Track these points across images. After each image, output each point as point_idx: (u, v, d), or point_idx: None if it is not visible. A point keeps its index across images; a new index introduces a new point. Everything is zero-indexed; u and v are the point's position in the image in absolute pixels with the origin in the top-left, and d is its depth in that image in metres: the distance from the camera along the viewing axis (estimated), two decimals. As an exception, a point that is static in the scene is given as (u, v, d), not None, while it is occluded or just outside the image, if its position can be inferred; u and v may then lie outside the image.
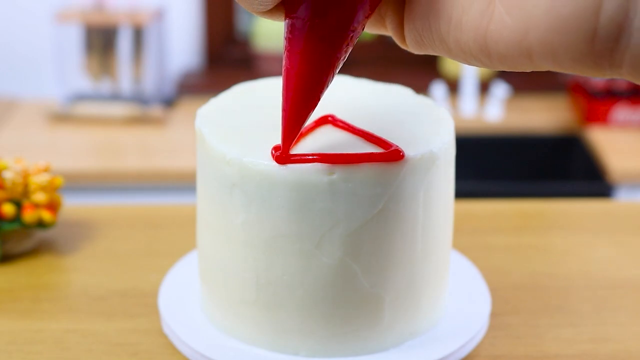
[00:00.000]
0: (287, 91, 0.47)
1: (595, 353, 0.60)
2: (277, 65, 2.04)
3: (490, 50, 0.38)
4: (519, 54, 0.37)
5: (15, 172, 0.71)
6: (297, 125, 0.49)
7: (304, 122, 0.49)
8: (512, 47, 0.37)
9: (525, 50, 0.37)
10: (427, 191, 0.54)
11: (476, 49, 0.39)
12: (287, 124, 0.49)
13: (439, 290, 0.59)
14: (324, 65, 0.46)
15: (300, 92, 0.47)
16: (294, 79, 0.46)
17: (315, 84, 0.46)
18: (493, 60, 0.38)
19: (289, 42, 0.45)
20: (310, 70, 0.46)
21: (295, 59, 0.46)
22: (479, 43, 0.38)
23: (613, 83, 1.83)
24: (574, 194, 1.60)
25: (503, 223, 0.81)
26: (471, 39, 0.39)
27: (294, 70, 0.46)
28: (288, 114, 0.49)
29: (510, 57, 0.38)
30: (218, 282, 0.58)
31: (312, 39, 0.45)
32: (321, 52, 0.45)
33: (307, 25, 0.44)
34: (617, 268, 0.72)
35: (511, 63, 0.38)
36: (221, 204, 0.55)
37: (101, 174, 1.69)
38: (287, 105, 0.48)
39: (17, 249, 0.72)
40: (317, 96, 0.47)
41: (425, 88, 1.93)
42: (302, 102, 0.48)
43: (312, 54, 0.45)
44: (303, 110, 0.48)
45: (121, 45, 1.91)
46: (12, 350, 0.59)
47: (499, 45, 0.37)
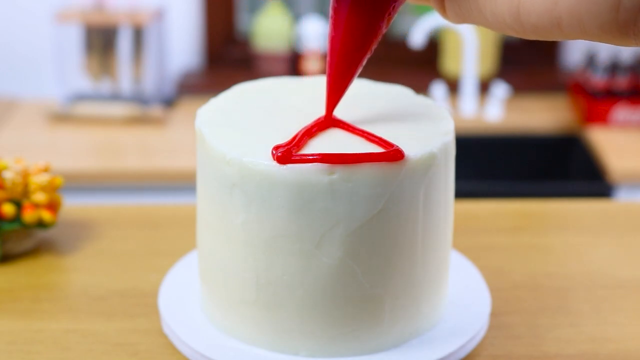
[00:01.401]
0: (332, 57, 0.51)
1: (595, 353, 0.60)
2: (277, 65, 2.04)
3: (522, 20, 0.40)
4: (549, 23, 0.39)
5: (15, 172, 0.71)
6: (341, 90, 0.53)
7: (346, 88, 0.52)
8: (543, 17, 0.39)
9: (555, 19, 0.39)
10: (427, 191, 0.54)
11: (510, 20, 0.41)
12: (331, 88, 0.53)
13: (439, 290, 0.59)
14: (367, 34, 0.49)
15: (343, 59, 0.50)
16: (337, 45, 0.50)
17: (358, 51, 0.50)
18: (526, 30, 0.41)
19: (334, 11, 0.49)
20: (353, 38, 0.49)
21: (339, 27, 0.49)
22: (512, 14, 0.41)
23: (613, 83, 1.83)
24: (574, 194, 1.60)
25: (503, 223, 0.81)
26: (505, 10, 0.41)
27: (337, 38, 0.49)
28: (332, 78, 0.52)
29: (541, 26, 0.40)
30: (218, 282, 0.58)
31: (355, 9, 0.48)
32: (364, 21, 0.48)
33: None
34: (617, 268, 0.72)
35: (543, 32, 0.40)
36: (221, 204, 0.55)
37: (101, 174, 1.69)
38: (331, 70, 0.51)
39: (17, 249, 0.72)
40: (358, 63, 0.50)
41: (425, 88, 1.93)
42: (345, 68, 0.51)
43: (355, 23, 0.48)
44: (346, 75, 0.51)
45: (121, 45, 1.91)
46: (12, 350, 0.59)
47: (531, 16, 0.40)
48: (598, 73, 1.83)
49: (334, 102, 0.54)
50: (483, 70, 2.01)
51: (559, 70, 2.11)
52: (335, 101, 0.54)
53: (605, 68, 1.82)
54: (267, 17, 2.03)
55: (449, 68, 2.04)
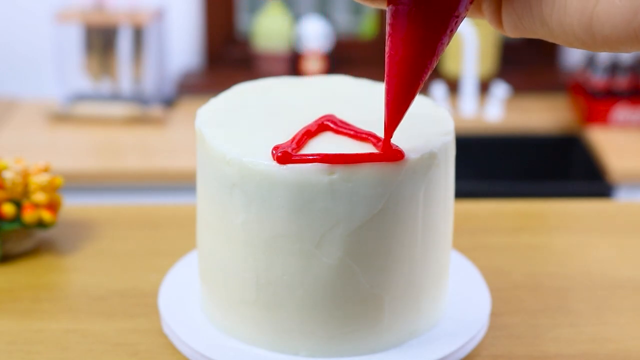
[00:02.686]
0: (390, 77, 0.47)
1: (595, 353, 0.60)
2: (277, 65, 2.04)
3: (595, 32, 0.38)
4: (625, 35, 0.37)
5: (15, 172, 0.71)
6: (401, 111, 0.49)
7: (407, 108, 0.48)
8: (619, 29, 0.37)
9: (632, 31, 0.37)
10: (427, 191, 0.54)
11: (580, 31, 0.39)
12: (390, 109, 0.49)
13: (439, 290, 0.59)
14: (428, 51, 0.45)
15: (403, 78, 0.46)
16: (397, 65, 0.46)
17: (418, 70, 0.46)
18: (597, 42, 0.39)
19: (392, 28, 0.45)
20: (413, 56, 0.45)
21: (398, 45, 0.45)
22: (583, 25, 0.39)
23: (613, 83, 1.83)
24: (574, 194, 1.60)
25: (503, 223, 0.81)
26: (575, 21, 0.39)
27: (397, 57, 0.46)
28: (391, 99, 0.48)
29: (615, 38, 0.38)
30: (218, 282, 0.58)
31: (415, 25, 0.44)
32: (424, 38, 0.44)
33: (412, 11, 0.44)
34: (617, 268, 0.72)
35: (615, 44, 0.38)
36: (221, 204, 0.55)
37: (101, 174, 1.69)
38: (390, 90, 0.47)
39: (17, 249, 0.72)
40: (419, 81, 0.47)
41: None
42: (405, 87, 0.47)
43: (415, 40, 0.45)
44: (406, 95, 0.47)
45: (121, 45, 1.91)
46: (12, 350, 0.59)
47: (605, 27, 0.38)
48: (598, 73, 1.83)
49: (395, 123, 0.50)
50: (483, 70, 2.01)
51: (559, 70, 2.11)
52: (397, 122, 0.49)
53: (605, 68, 1.82)
54: (267, 17, 2.03)
55: (449, 68, 2.04)
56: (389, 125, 0.50)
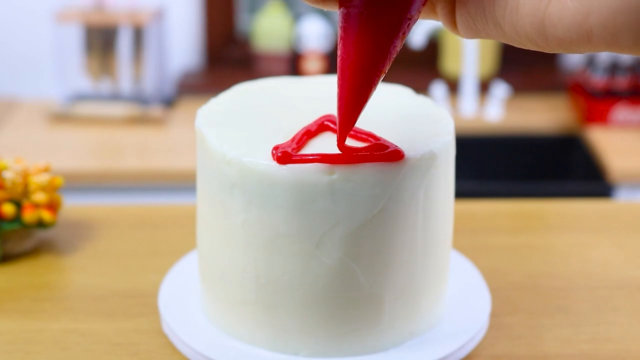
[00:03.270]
0: (343, 80, 0.46)
1: (595, 353, 0.60)
2: (277, 65, 2.04)
3: (547, 34, 0.38)
4: (577, 36, 0.37)
5: (15, 172, 0.70)
6: (353, 115, 0.48)
7: (360, 112, 0.48)
8: (571, 30, 0.37)
9: (584, 32, 0.37)
10: (427, 191, 0.54)
11: (533, 33, 0.39)
12: (343, 113, 0.48)
13: (439, 290, 0.59)
14: (380, 55, 0.44)
15: (355, 82, 0.46)
16: (349, 68, 0.45)
17: (371, 73, 0.45)
18: (550, 43, 0.39)
19: (343, 31, 0.44)
20: (365, 60, 0.45)
21: (350, 48, 0.44)
22: (536, 26, 0.38)
23: (613, 83, 1.83)
24: (574, 194, 1.59)
25: (503, 223, 0.81)
26: (528, 23, 0.39)
27: (349, 60, 0.45)
28: (344, 103, 0.47)
29: (568, 39, 0.38)
30: (218, 282, 0.58)
31: (367, 29, 0.43)
32: (377, 41, 0.44)
33: (363, 14, 0.43)
34: (617, 268, 0.72)
35: (568, 45, 0.38)
36: (221, 204, 0.55)
37: (101, 174, 1.69)
38: (342, 94, 0.47)
39: (17, 249, 0.72)
40: (372, 85, 0.46)
41: (425, 88, 1.93)
42: (358, 91, 0.46)
43: (367, 44, 0.44)
44: (359, 99, 0.47)
45: (121, 45, 1.91)
46: (12, 350, 0.59)
47: (557, 29, 0.38)
48: (598, 73, 1.83)
49: (348, 127, 0.49)
50: (483, 70, 2.01)
51: (559, 70, 2.11)
52: (350, 126, 0.49)
53: (605, 68, 1.82)
54: (267, 17, 2.03)
55: (449, 68, 2.04)
56: (342, 129, 0.49)
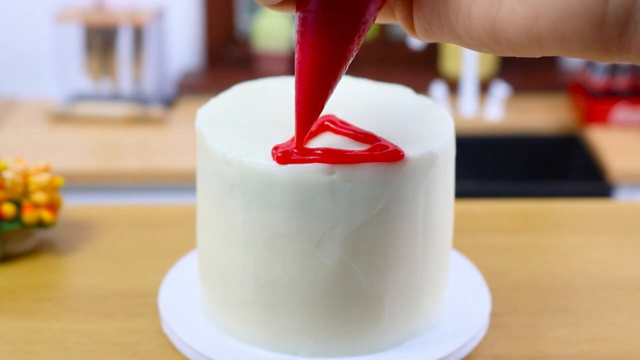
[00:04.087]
0: (300, 84, 0.47)
1: (595, 353, 0.60)
2: (277, 65, 2.04)
3: (499, 37, 0.39)
4: (528, 40, 0.38)
5: (15, 172, 0.70)
6: (311, 119, 0.49)
7: (317, 115, 0.49)
8: (522, 34, 0.38)
9: (534, 37, 0.37)
10: (427, 191, 0.54)
11: (485, 37, 0.39)
12: (300, 117, 0.49)
13: (439, 290, 0.59)
14: (336, 58, 0.45)
15: (312, 85, 0.47)
16: (305, 72, 0.46)
17: (327, 77, 0.46)
18: (502, 47, 0.39)
19: (300, 35, 0.45)
20: (322, 64, 0.46)
21: (307, 52, 0.45)
22: (487, 30, 0.39)
23: (613, 83, 1.83)
24: (574, 194, 1.60)
25: (503, 223, 0.81)
26: (480, 27, 0.39)
27: (305, 64, 0.46)
28: (301, 107, 0.49)
29: (519, 43, 0.38)
30: (218, 282, 0.58)
31: (323, 32, 0.44)
32: (333, 45, 0.45)
33: (319, 18, 0.44)
34: (617, 268, 0.72)
35: (520, 49, 0.39)
36: (221, 204, 0.55)
37: (101, 174, 1.69)
38: (299, 98, 0.48)
39: (17, 249, 0.72)
40: (329, 89, 0.47)
41: (425, 88, 1.93)
42: (315, 95, 0.47)
43: (323, 47, 0.45)
44: (315, 103, 0.48)
45: (121, 45, 1.91)
46: (12, 350, 0.59)
47: (508, 33, 0.38)
48: (598, 73, 1.83)
49: (305, 130, 0.50)
50: (483, 70, 2.01)
51: (559, 70, 2.11)
52: (307, 128, 0.50)
53: (605, 68, 1.82)
54: (267, 17, 2.03)
55: (449, 68, 2.04)
56: (300, 132, 0.50)
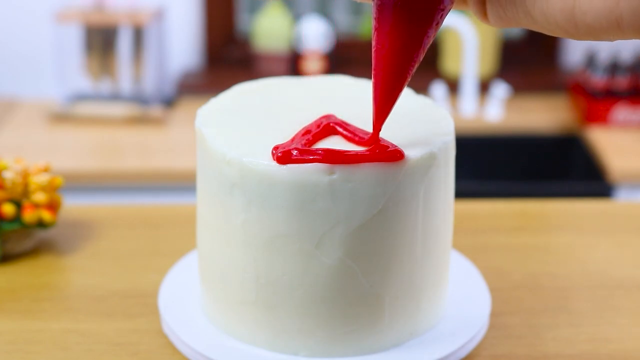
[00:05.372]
0: (377, 71, 0.47)
1: (595, 353, 0.60)
2: (277, 65, 2.04)
3: (577, 21, 0.39)
4: (607, 23, 0.38)
5: (15, 172, 0.71)
6: (389, 105, 0.49)
7: (395, 101, 0.49)
8: (602, 17, 0.38)
9: (614, 19, 0.37)
10: (427, 191, 0.54)
11: (563, 20, 0.39)
12: (378, 103, 0.49)
13: (439, 290, 0.59)
14: (414, 45, 0.46)
15: (390, 72, 0.47)
16: (384, 58, 0.47)
17: (405, 64, 0.47)
18: (580, 31, 0.39)
19: (378, 22, 0.46)
20: (399, 50, 0.46)
21: (384, 39, 0.46)
22: (566, 14, 0.39)
23: (613, 83, 1.83)
24: (574, 194, 1.59)
25: (503, 223, 0.81)
26: (558, 10, 0.39)
27: (383, 50, 0.46)
28: (379, 92, 0.49)
29: (598, 26, 0.38)
30: (218, 282, 0.58)
31: (401, 19, 0.45)
32: (410, 31, 0.45)
33: (397, 5, 0.44)
34: (617, 268, 0.72)
35: (598, 32, 0.39)
36: (221, 204, 0.55)
37: (101, 174, 1.69)
38: (377, 84, 0.48)
39: (17, 249, 0.72)
40: (407, 74, 0.47)
41: (425, 88, 1.93)
42: (393, 81, 0.48)
43: (401, 34, 0.45)
44: (393, 89, 0.48)
45: (121, 45, 1.91)
46: (12, 350, 0.59)
47: (587, 16, 0.38)
48: (598, 73, 1.83)
49: (382, 117, 0.50)
50: (483, 70, 2.01)
51: (559, 70, 2.11)
52: (384, 117, 0.50)
53: (605, 68, 1.82)
54: (267, 17, 2.03)
55: (449, 68, 2.04)
56: (378, 119, 0.51)
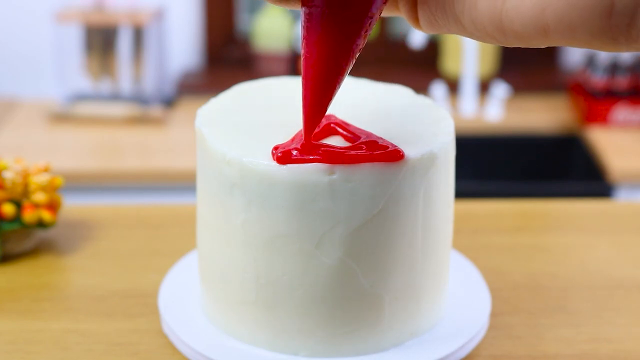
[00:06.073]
0: (306, 80, 0.47)
1: (595, 353, 0.60)
2: (277, 65, 2.04)
3: (505, 28, 0.39)
4: (535, 31, 0.38)
5: (15, 172, 0.70)
6: (318, 114, 0.49)
7: (325, 110, 0.49)
8: (529, 25, 0.38)
9: (541, 27, 0.37)
10: (427, 191, 0.54)
11: (491, 28, 0.39)
12: (307, 112, 0.49)
13: (439, 290, 0.59)
14: (343, 53, 0.45)
15: (319, 81, 0.47)
16: (312, 67, 0.46)
17: (334, 72, 0.46)
18: (508, 38, 0.39)
19: (306, 31, 0.45)
20: (328, 59, 0.46)
21: (313, 47, 0.45)
22: (494, 21, 0.39)
23: (613, 83, 1.83)
24: (574, 194, 1.60)
25: (503, 223, 0.81)
26: (486, 18, 0.39)
27: (312, 59, 0.46)
28: (308, 102, 0.48)
29: (526, 34, 0.38)
30: (218, 282, 0.58)
31: (329, 28, 0.44)
32: (339, 40, 0.45)
33: (325, 13, 0.44)
34: (617, 268, 0.72)
35: (526, 40, 0.39)
36: (221, 204, 0.55)
37: (101, 174, 1.69)
38: (306, 93, 0.48)
39: (17, 249, 0.72)
40: (336, 84, 0.47)
41: (425, 88, 1.93)
42: (321, 90, 0.47)
43: (330, 43, 0.45)
44: (323, 98, 0.48)
45: (121, 45, 1.91)
46: (12, 350, 0.59)
47: (515, 23, 0.38)
48: (598, 73, 1.83)
49: (312, 125, 0.50)
50: (483, 70, 2.01)
51: (559, 70, 2.11)
52: (315, 124, 0.50)
53: (605, 68, 1.82)
54: (267, 17, 2.03)
55: (449, 68, 2.04)
56: (307, 127, 0.50)
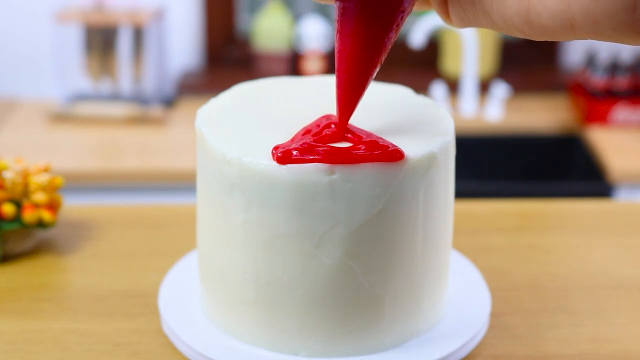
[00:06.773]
0: (340, 72, 0.49)
1: (595, 353, 0.60)
2: (277, 65, 2.04)
3: (533, 22, 0.40)
4: (561, 24, 0.39)
5: (15, 172, 0.71)
6: (351, 106, 0.51)
7: (357, 102, 0.51)
8: (555, 19, 0.39)
9: (567, 21, 0.38)
10: (427, 191, 0.54)
11: (520, 22, 0.40)
12: (341, 105, 0.51)
13: (439, 290, 0.59)
14: (375, 46, 0.47)
15: (352, 73, 0.48)
16: (345, 60, 0.48)
17: (366, 65, 0.48)
18: (535, 32, 0.40)
19: (340, 24, 0.47)
20: (361, 52, 0.47)
21: (346, 40, 0.47)
22: (522, 15, 0.40)
23: (613, 83, 1.83)
24: (574, 194, 1.59)
25: (503, 223, 0.81)
26: (514, 12, 0.40)
27: (345, 52, 0.47)
28: (341, 94, 0.50)
29: (553, 27, 0.39)
30: (218, 282, 0.58)
31: (362, 21, 0.46)
32: (372, 33, 0.46)
33: (358, 7, 0.45)
34: (617, 268, 0.72)
35: (553, 33, 0.40)
36: (221, 204, 0.55)
37: (101, 174, 1.69)
38: (340, 86, 0.50)
39: (17, 249, 0.72)
40: (368, 76, 0.49)
41: (425, 88, 1.93)
42: (354, 82, 0.49)
43: (363, 36, 0.46)
44: (356, 90, 0.50)
45: (121, 45, 1.91)
46: (12, 350, 0.59)
47: (542, 17, 0.39)
48: (598, 73, 1.83)
49: (346, 117, 0.52)
50: (483, 70, 2.01)
51: (559, 70, 2.11)
52: (348, 116, 0.52)
53: (605, 68, 1.82)
54: (267, 17, 2.03)
55: (449, 68, 2.04)
56: (341, 119, 0.52)
